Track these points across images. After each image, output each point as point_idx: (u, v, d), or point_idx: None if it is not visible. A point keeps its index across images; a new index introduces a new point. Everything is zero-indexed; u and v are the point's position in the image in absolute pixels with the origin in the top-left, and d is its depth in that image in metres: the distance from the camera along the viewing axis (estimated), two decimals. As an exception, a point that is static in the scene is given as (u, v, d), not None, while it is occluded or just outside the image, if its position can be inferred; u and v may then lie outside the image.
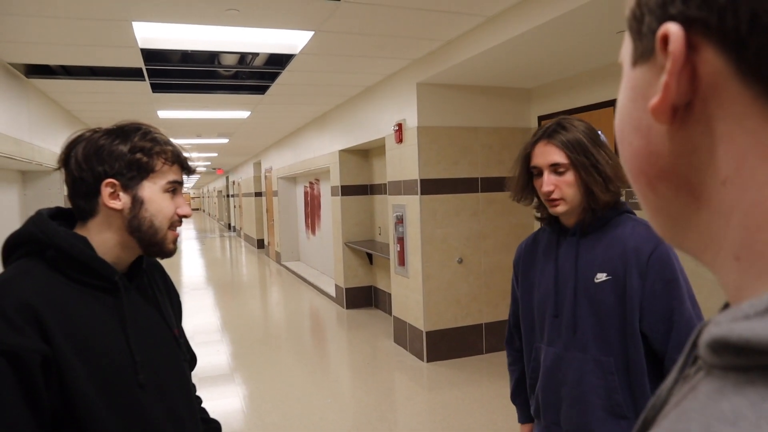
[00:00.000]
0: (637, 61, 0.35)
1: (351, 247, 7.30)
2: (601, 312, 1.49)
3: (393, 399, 4.46)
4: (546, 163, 1.51)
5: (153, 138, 1.19)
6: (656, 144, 0.35)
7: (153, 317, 1.24)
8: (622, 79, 0.39)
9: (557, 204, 1.51)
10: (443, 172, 5.00)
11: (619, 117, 0.39)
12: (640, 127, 0.36)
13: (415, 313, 5.20)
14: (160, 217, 1.18)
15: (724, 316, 0.30)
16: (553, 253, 1.61)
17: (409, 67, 5.01)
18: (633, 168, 0.38)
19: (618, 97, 0.40)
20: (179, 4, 3.26)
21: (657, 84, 0.33)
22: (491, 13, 3.61)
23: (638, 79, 0.35)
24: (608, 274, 1.49)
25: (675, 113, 0.33)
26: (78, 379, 1.02)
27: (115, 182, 1.14)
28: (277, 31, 3.88)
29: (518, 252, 1.78)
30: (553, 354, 1.57)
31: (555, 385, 1.57)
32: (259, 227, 15.22)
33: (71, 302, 1.07)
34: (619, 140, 0.39)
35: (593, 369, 1.49)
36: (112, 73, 4.94)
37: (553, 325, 1.58)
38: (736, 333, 0.28)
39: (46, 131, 5.51)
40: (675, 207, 0.36)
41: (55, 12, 3.28)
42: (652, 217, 0.40)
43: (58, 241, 1.08)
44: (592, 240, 1.54)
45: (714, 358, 0.31)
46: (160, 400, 1.17)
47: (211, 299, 8.76)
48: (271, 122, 8.42)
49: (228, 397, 4.50)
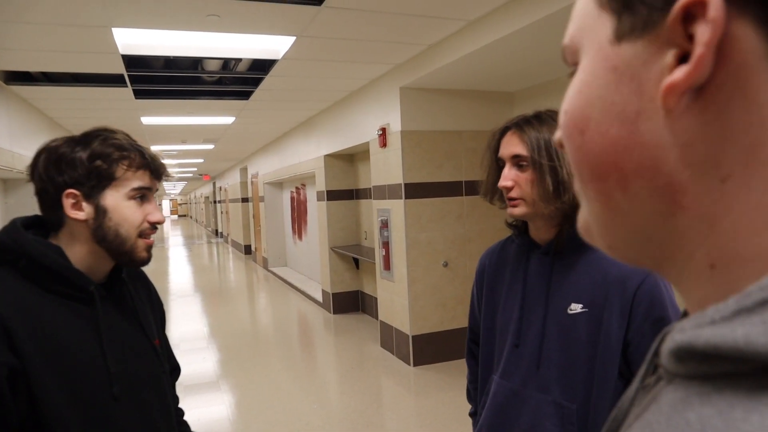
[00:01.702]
0: (625, 36, 0.31)
1: (337, 252, 7.29)
2: (572, 349, 1.25)
3: (380, 403, 4.45)
4: (508, 153, 1.29)
5: (114, 143, 1.14)
6: (645, 133, 0.30)
7: (131, 328, 1.21)
8: (586, 60, 0.34)
9: (516, 204, 1.29)
10: (427, 176, 5.02)
11: (583, 103, 0.34)
12: (624, 113, 0.31)
13: (401, 318, 5.20)
14: (126, 225, 1.14)
15: (688, 322, 0.29)
16: (521, 271, 1.38)
17: (392, 72, 5.03)
18: (603, 163, 0.33)
19: (580, 81, 0.34)
20: (159, 11, 3.24)
21: (657, 62, 0.29)
22: (473, 17, 3.63)
23: (625, 58, 0.31)
24: (584, 305, 1.25)
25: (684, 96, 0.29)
26: (48, 391, 1.00)
27: (76, 192, 1.11)
28: (259, 37, 3.87)
29: (482, 261, 1.54)
30: (508, 390, 1.34)
31: (504, 427, 1.35)
32: (246, 233, 15.15)
33: (44, 312, 1.05)
34: (579, 130, 0.34)
35: (552, 414, 1.26)
36: (93, 80, 4.91)
37: (512, 356, 1.35)
38: (703, 339, 0.27)
39: (28, 139, 5.45)
40: (644, 211, 0.32)
41: (35, 18, 3.26)
42: (607, 224, 0.35)
43: (30, 250, 1.06)
44: (569, 262, 1.30)
45: (677, 367, 0.29)
46: (135, 413, 1.14)
47: (197, 306, 8.69)
48: (256, 127, 8.39)
49: (214, 405, 4.47)
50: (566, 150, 0.36)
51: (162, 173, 1.21)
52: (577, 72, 0.35)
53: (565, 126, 0.35)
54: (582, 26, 0.35)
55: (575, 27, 0.36)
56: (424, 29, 3.85)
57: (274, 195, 11.46)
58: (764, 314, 0.25)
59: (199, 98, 5.83)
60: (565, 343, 1.27)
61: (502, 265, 1.46)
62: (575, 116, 0.34)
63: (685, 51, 0.28)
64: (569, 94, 0.35)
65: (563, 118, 0.36)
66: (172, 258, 16.23)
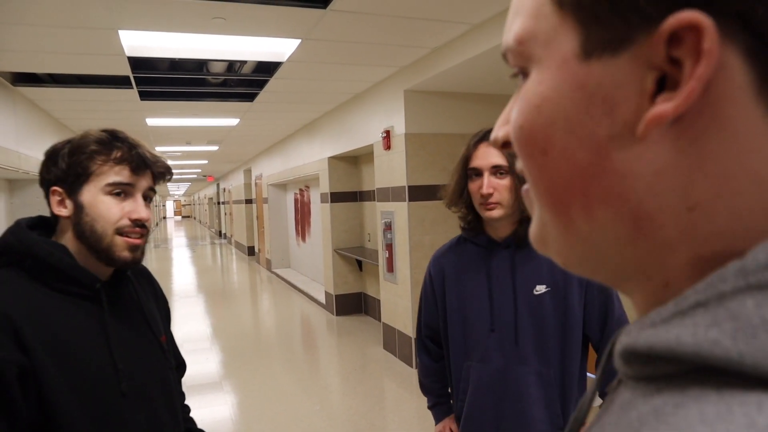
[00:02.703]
0: (595, 52, 0.28)
1: (340, 253, 7.30)
2: (542, 324, 1.47)
3: (382, 405, 4.45)
4: (487, 164, 1.46)
5: (96, 140, 1.13)
6: (615, 160, 0.29)
7: (138, 325, 1.22)
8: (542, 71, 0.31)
9: (493, 208, 1.46)
10: (431, 179, 5.02)
11: (546, 121, 0.31)
12: (593, 138, 0.29)
13: (403, 320, 5.20)
14: (102, 222, 1.11)
15: (634, 325, 0.30)
16: (483, 267, 1.55)
17: (396, 75, 5.04)
18: (567, 188, 0.31)
19: (538, 94, 0.31)
20: (165, 13, 3.26)
21: (633, 85, 0.27)
22: (477, 20, 3.64)
23: (597, 77, 0.28)
24: (547, 285, 1.48)
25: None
26: (57, 388, 1.01)
27: (60, 189, 1.12)
28: (264, 39, 3.89)
29: (438, 264, 1.69)
30: (491, 370, 1.52)
31: (492, 403, 1.51)
32: (250, 234, 15.17)
33: (51, 311, 1.06)
34: (540, 150, 0.32)
35: (535, 381, 1.47)
36: (99, 81, 4.93)
37: (489, 340, 1.52)
38: (642, 340, 0.28)
39: (34, 139, 5.48)
40: (605, 237, 0.31)
41: (42, 20, 3.28)
42: (564, 245, 0.34)
43: (37, 250, 1.07)
44: (527, 252, 1.50)
45: (626, 369, 0.30)
46: (142, 409, 1.15)
47: (201, 307, 8.71)
48: (261, 129, 8.41)
49: (216, 406, 4.48)
50: (524, 168, 0.34)
51: (141, 168, 1.15)
52: (528, 81, 0.33)
53: (523, 143, 0.33)
54: (535, 30, 0.31)
55: (525, 28, 0.32)
56: (428, 32, 3.86)
57: (278, 197, 11.47)
58: (696, 317, 0.26)
59: (204, 100, 5.85)
60: (536, 319, 1.48)
61: (462, 262, 1.61)
62: (534, 134, 0.32)
63: (665, 74, 0.27)
64: (523, 107, 0.32)
65: (518, 133, 0.33)
66: (176, 259, 16.27)
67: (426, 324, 1.76)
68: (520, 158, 0.34)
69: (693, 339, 0.26)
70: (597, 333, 1.51)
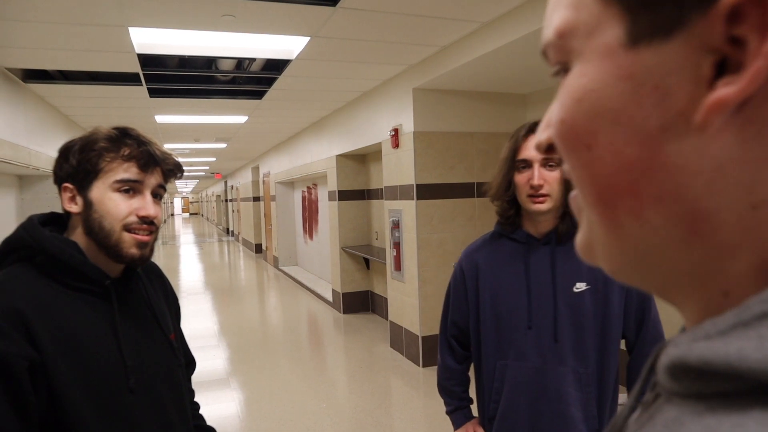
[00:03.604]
0: (644, 38, 0.26)
1: (348, 251, 7.31)
2: (581, 322, 1.45)
3: (389, 404, 4.45)
4: (538, 156, 1.41)
5: (105, 137, 1.13)
6: (669, 154, 0.26)
7: (147, 322, 1.23)
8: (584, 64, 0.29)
9: (543, 201, 1.41)
10: (439, 177, 5.02)
11: (588, 114, 0.29)
12: (642, 131, 0.27)
13: (411, 318, 5.20)
14: (109, 218, 1.11)
15: (684, 336, 0.27)
16: (521, 263, 1.51)
17: (405, 73, 5.03)
18: (615, 186, 0.29)
19: (575, 87, 0.30)
20: (175, 11, 3.27)
21: (688, 71, 0.25)
22: (486, 19, 3.63)
23: (647, 64, 0.26)
24: (587, 283, 1.45)
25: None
26: (66, 384, 1.02)
27: (71, 186, 1.13)
28: (273, 37, 3.89)
29: (471, 259, 1.63)
30: (528, 368, 1.48)
31: (528, 401, 1.48)
32: (257, 232, 15.21)
33: (61, 307, 1.06)
34: (585, 146, 0.30)
35: (573, 381, 1.44)
36: (109, 78, 4.96)
37: (526, 338, 1.49)
38: (695, 354, 0.25)
39: (44, 136, 5.52)
40: (656, 239, 0.28)
41: (52, 17, 3.30)
42: (613, 250, 0.31)
43: (48, 246, 1.08)
44: (568, 248, 1.47)
45: (673, 384, 0.27)
46: (150, 405, 1.16)
47: (208, 304, 8.75)
48: (269, 127, 8.43)
49: (224, 402, 4.50)
50: (569, 166, 0.32)
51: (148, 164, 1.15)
52: (569, 76, 0.31)
53: (566, 139, 0.31)
54: (576, 22, 0.29)
55: (565, 21, 0.30)
56: (437, 30, 3.85)
57: (286, 194, 11.49)
58: (761, 328, 0.23)
59: (213, 97, 5.87)
60: (575, 318, 1.45)
61: (498, 258, 1.57)
62: (577, 128, 0.30)
63: (724, 57, 0.25)
64: (564, 101, 0.31)
65: (560, 128, 0.31)
66: (184, 256, 16.34)
67: (453, 322, 1.70)
68: (563, 157, 0.32)
69: (759, 354, 0.23)
70: (633, 334, 1.49)
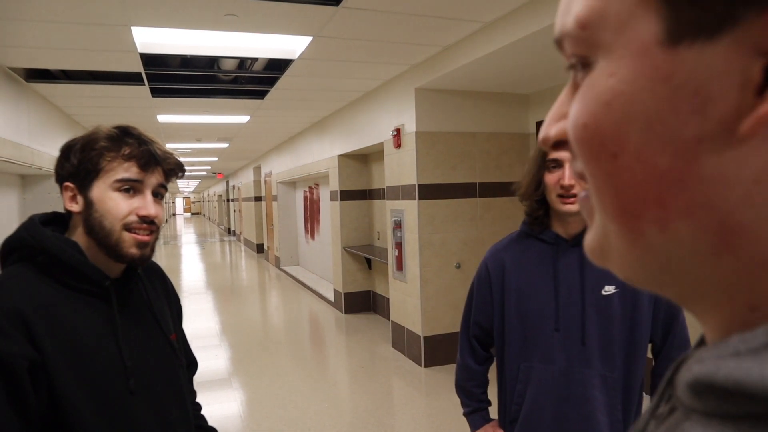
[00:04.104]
0: (686, 37, 0.24)
1: (350, 251, 7.31)
2: (609, 326, 1.43)
3: (390, 404, 4.45)
4: (569, 155, 1.41)
5: (106, 136, 1.13)
6: (705, 166, 0.24)
7: (147, 323, 1.22)
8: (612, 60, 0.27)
9: (574, 201, 1.38)
10: (441, 178, 5.01)
11: (617, 119, 0.27)
12: (677, 140, 0.25)
13: (412, 318, 5.20)
14: (110, 218, 1.11)
15: (709, 351, 0.25)
16: (549, 264, 1.49)
17: (407, 73, 5.03)
18: (641, 197, 0.27)
19: (601, 88, 0.27)
20: (178, 10, 3.27)
21: (733, 74, 0.23)
22: (489, 18, 3.62)
23: (688, 66, 0.24)
24: (616, 286, 1.43)
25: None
26: (66, 384, 1.01)
27: (72, 185, 1.13)
28: (275, 37, 3.89)
29: (497, 258, 1.61)
30: (554, 371, 1.47)
31: (552, 404, 1.46)
32: (259, 232, 15.22)
33: (61, 307, 1.06)
34: (611, 154, 0.27)
35: (599, 385, 1.43)
36: (111, 78, 4.96)
37: (552, 340, 1.47)
38: (723, 373, 0.23)
39: (46, 135, 5.52)
40: (681, 252, 0.27)
41: (55, 17, 3.30)
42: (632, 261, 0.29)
43: (49, 246, 1.08)
44: None
45: (695, 402, 0.25)
46: (151, 406, 1.15)
47: (210, 304, 8.75)
48: (271, 127, 8.43)
49: (225, 402, 4.50)
50: (587, 172, 0.30)
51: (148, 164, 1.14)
52: (593, 73, 0.28)
53: (588, 145, 0.28)
54: (605, 12, 0.27)
55: (591, 9, 0.27)
56: (440, 30, 3.85)
57: (288, 194, 11.50)
58: None
59: (215, 97, 5.87)
60: (603, 321, 1.43)
61: (525, 258, 1.55)
62: (603, 135, 0.27)
63: None
64: (588, 103, 0.28)
65: (582, 133, 0.29)
66: (185, 255, 16.35)
67: (476, 322, 1.67)
68: (581, 161, 0.30)
69: None
70: (661, 339, 1.48)
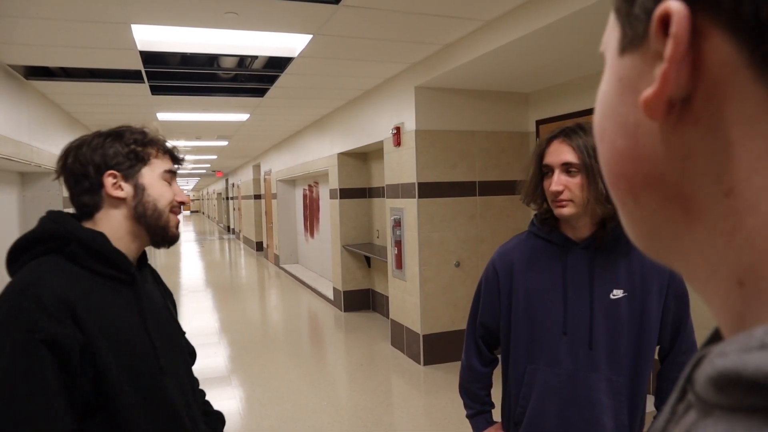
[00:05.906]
0: (626, 48, 0.31)
1: (349, 250, 7.31)
2: (616, 329, 1.43)
3: (389, 402, 4.46)
4: (558, 161, 1.42)
5: (143, 132, 1.29)
6: (645, 145, 0.30)
7: (162, 308, 1.32)
8: (606, 70, 0.34)
9: (564, 205, 1.42)
10: (441, 176, 5.02)
11: (600, 112, 0.34)
12: (626, 125, 0.31)
13: (412, 317, 5.20)
14: (162, 201, 1.27)
15: (730, 345, 0.25)
16: (558, 266, 1.50)
17: (407, 71, 5.03)
18: (613, 171, 0.33)
19: (600, 90, 0.34)
20: (178, 8, 3.27)
21: (650, 75, 0.29)
22: (489, 17, 3.62)
23: (626, 69, 0.31)
24: (625, 290, 1.44)
25: (671, 109, 0.28)
26: (109, 366, 1.08)
27: (116, 173, 1.22)
28: (275, 35, 3.89)
29: (506, 259, 1.61)
30: (561, 374, 1.47)
31: (558, 407, 1.47)
32: (258, 230, 15.22)
33: (96, 294, 1.13)
34: (599, 139, 0.35)
35: (605, 389, 1.43)
36: (111, 75, 4.96)
37: (560, 344, 1.47)
38: (753, 366, 0.23)
39: (46, 133, 5.51)
40: (659, 220, 0.31)
41: (54, 14, 3.30)
42: (630, 228, 0.35)
43: (82, 235, 1.15)
44: (607, 254, 1.46)
45: (718, 397, 0.25)
46: (176, 385, 1.24)
47: (209, 301, 8.75)
48: (270, 125, 8.43)
49: (225, 400, 4.50)
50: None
51: (179, 159, 1.36)
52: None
53: (594, 133, 0.36)
54: (608, 34, 0.34)
55: (605, 35, 0.35)
56: (440, 29, 3.84)
57: (287, 192, 11.50)
58: None
59: (215, 95, 5.86)
60: (611, 324, 1.44)
61: (534, 259, 1.55)
62: (596, 125, 0.35)
63: None
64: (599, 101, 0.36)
65: (593, 125, 0.37)
66: (185, 254, 16.34)
67: (482, 323, 1.67)
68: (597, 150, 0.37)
69: None
70: (669, 342, 1.49)
